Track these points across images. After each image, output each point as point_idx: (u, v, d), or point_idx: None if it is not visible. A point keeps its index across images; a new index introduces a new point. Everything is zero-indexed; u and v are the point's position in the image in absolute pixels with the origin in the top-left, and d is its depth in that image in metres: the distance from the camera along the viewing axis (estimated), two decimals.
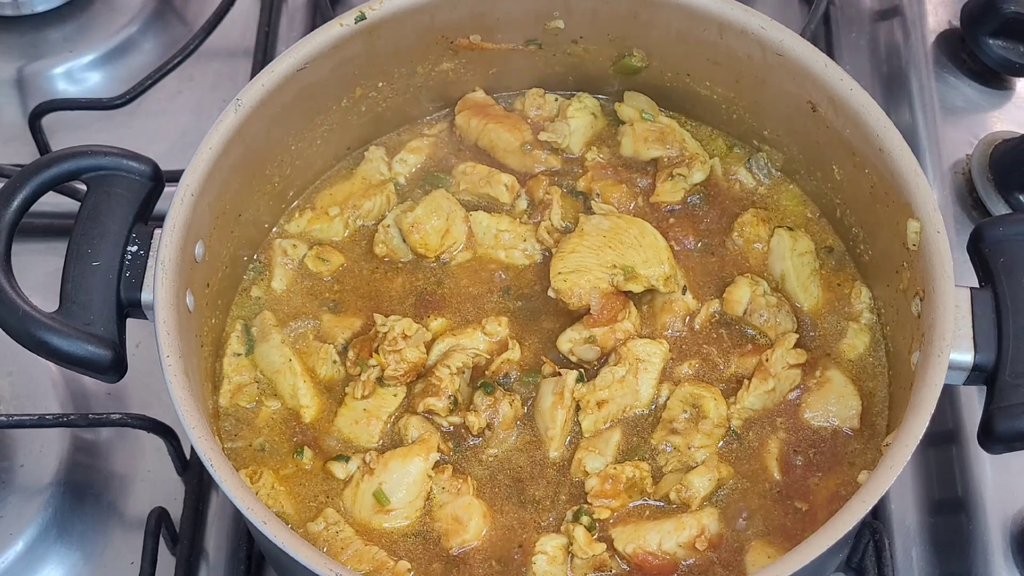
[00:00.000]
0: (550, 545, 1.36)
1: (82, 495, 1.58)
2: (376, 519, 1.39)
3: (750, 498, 1.40)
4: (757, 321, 1.50)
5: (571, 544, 1.36)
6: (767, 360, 1.45)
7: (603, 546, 1.35)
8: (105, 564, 1.56)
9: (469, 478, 1.41)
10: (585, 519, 1.37)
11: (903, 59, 1.90)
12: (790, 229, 1.55)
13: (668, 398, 1.45)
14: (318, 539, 1.37)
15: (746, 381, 1.45)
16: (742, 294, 1.50)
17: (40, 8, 1.95)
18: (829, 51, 1.89)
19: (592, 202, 1.58)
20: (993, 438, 1.30)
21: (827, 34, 1.94)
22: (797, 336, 1.47)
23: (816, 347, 1.49)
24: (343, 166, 1.64)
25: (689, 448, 1.41)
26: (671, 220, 1.58)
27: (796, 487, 1.40)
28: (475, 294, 1.54)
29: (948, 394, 1.56)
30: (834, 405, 1.44)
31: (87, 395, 1.65)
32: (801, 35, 1.50)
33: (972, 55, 1.87)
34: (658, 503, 1.40)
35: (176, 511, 1.55)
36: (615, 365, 1.45)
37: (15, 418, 1.55)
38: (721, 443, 1.43)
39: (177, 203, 1.37)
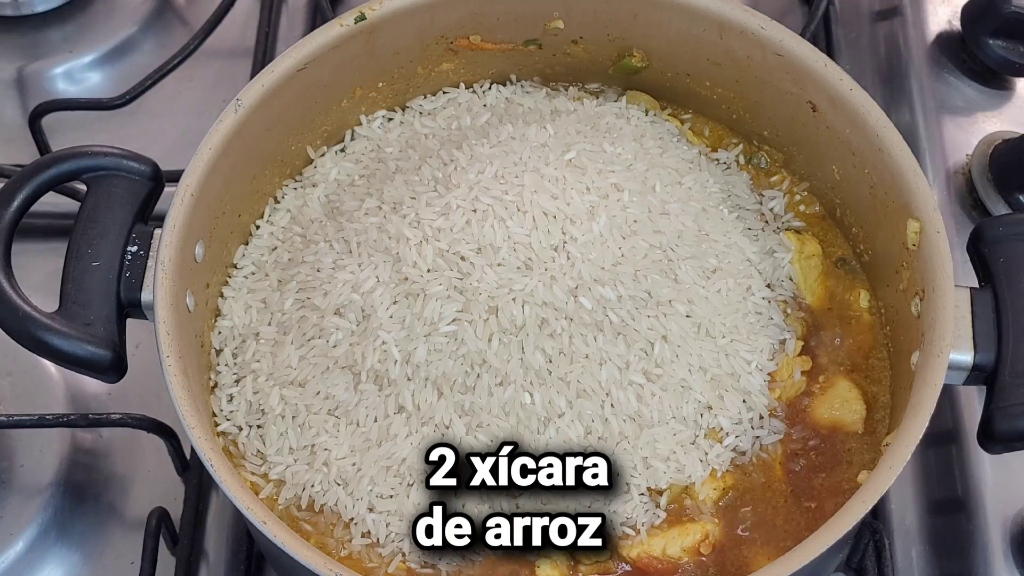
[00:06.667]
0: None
1: (82, 495, 1.58)
2: None
3: (754, 502, 1.39)
4: None
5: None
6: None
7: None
8: (105, 564, 1.56)
9: None
10: None
11: (903, 59, 1.90)
12: (797, 232, 1.55)
13: None
14: None
15: None
16: None
17: (40, 8, 1.95)
18: (829, 51, 1.89)
19: None
20: (993, 438, 1.30)
21: (827, 34, 1.93)
22: (803, 344, 1.47)
23: (820, 351, 1.48)
24: None
25: None
26: None
27: (800, 490, 1.39)
28: None
29: (948, 394, 1.56)
30: (839, 409, 1.43)
31: (87, 395, 1.65)
32: (801, 35, 1.49)
33: (972, 55, 1.87)
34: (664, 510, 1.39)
35: (176, 511, 1.55)
36: None
37: (15, 418, 1.55)
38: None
39: (177, 203, 1.37)
